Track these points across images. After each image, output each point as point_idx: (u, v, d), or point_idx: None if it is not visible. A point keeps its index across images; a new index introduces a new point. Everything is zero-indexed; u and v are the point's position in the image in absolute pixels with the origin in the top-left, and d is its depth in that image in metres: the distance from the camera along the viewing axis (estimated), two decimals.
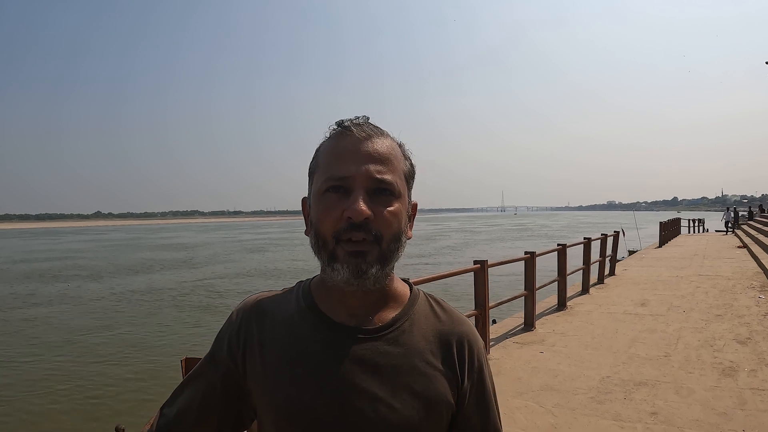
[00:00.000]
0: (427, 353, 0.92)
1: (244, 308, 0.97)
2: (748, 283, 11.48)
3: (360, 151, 0.88)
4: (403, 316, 0.94)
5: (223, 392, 0.94)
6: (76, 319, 14.88)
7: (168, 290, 19.88)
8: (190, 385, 0.97)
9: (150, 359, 10.54)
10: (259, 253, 39.01)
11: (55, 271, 28.84)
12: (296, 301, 0.96)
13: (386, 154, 0.89)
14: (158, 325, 13.80)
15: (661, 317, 8.32)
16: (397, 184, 0.88)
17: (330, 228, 0.86)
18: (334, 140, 0.91)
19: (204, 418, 0.94)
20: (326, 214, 0.86)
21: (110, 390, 8.71)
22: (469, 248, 38.76)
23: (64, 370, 9.85)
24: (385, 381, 0.88)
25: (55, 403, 8.16)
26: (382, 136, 0.92)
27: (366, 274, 0.85)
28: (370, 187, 0.86)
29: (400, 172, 0.91)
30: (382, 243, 0.86)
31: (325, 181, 0.88)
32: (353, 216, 0.83)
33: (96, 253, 44.31)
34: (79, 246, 57.18)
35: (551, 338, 7.30)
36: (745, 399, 4.79)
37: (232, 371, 0.93)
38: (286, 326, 0.93)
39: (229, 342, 0.95)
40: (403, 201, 0.90)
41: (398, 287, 0.98)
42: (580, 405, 4.82)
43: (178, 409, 0.96)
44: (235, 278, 23.00)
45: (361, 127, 0.90)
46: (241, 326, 0.95)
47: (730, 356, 6.10)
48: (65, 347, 11.65)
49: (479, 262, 6.50)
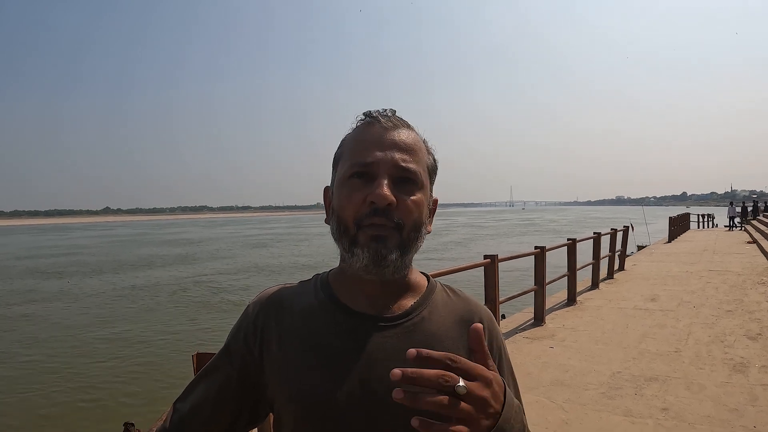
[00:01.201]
0: (447, 339, 0.92)
1: (261, 301, 0.98)
2: (758, 278, 11.41)
3: (386, 139, 0.89)
4: (422, 304, 0.95)
5: (240, 385, 0.94)
6: (74, 316, 14.87)
7: (166, 286, 19.85)
8: (205, 379, 0.96)
9: (149, 355, 10.54)
10: (262, 249, 38.92)
11: (58, 267, 28.91)
12: (314, 293, 0.96)
13: (412, 145, 0.91)
14: (156, 321, 13.74)
15: (672, 312, 8.30)
16: (420, 175, 0.89)
17: (352, 213, 0.87)
18: (361, 129, 0.93)
19: (219, 411, 0.94)
20: (349, 200, 0.87)
21: (111, 386, 8.72)
22: (474, 243, 38.64)
23: (63, 367, 9.84)
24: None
25: (55, 402, 8.15)
26: (408, 128, 0.93)
27: (386, 259, 0.86)
28: (394, 175, 0.87)
29: (424, 164, 0.92)
30: (403, 231, 0.86)
31: (350, 167, 0.89)
32: (377, 200, 0.84)
33: (100, 249, 44.48)
34: (84, 242, 57.42)
35: (561, 333, 7.30)
36: (756, 395, 4.78)
37: (249, 364, 0.93)
38: (304, 318, 0.93)
39: (246, 334, 0.95)
40: (425, 192, 0.91)
41: (416, 278, 0.99)
42: (590, 400, 4.83)
43: (192, 403, 0.95)
44: (235, 274, 22.95)
45: (389, 118, 0.92)
46: (258, 318, 0.95)
47: (741, 352, 6.08)
48: (62, 344, 11.63)
49: (489, 256, 6.49)
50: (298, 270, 23.80)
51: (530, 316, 8.19)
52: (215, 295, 17.44)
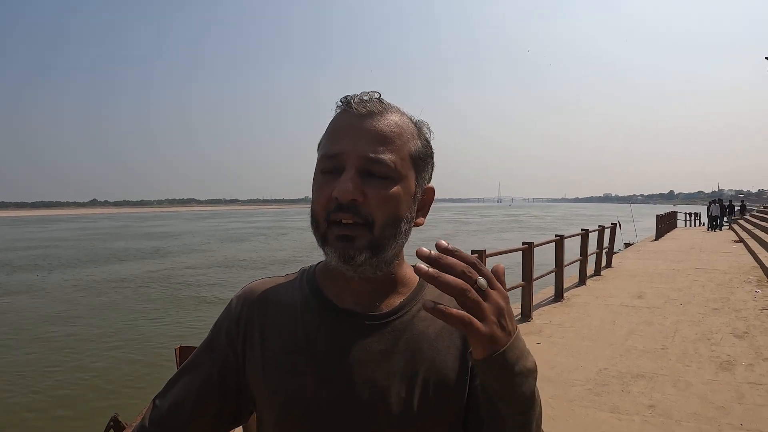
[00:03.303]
0: (437, 338, 0.87)
1: (245, 295, 0.92)
2: (744, 277, 11.48)
3: (356, 127, 0.81)
4: (411, 301, 0.89)
5: (221, 383, 0.89)
6: (32, 310, 14.33)
7: (131, 281, 19.26)
8: (186, 375, 0.91)
9: (111, 350, 10.05)
10: (238, 243, 38.12)
11: (30, 260, 27.91)
12: (300, 288, 0.91)
13: (386, 132, 0.82)
14: (117, 317, 13.20)
15: (658, 310, 8.32)
16: (396, 165, 0.81)
17: (321, 208, 0.81)
18: (335, 117, 0.86)
19: (200, 409, 0.89)
20: (319, 194, 0.82)
21: (78, 381, 8.36)
22: (454, 239, 37.55)
23: (25, 364, 9.38)
24: (394, 369, 0.83)
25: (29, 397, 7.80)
26: (387, 112, 0.84)
27: (353, 260, 0.79)
28: (362, 167, 0.80)
29: (404, 152, 0.83)
30: (374, 228, 0.80)
31: (321, 159, 0.84)
32: (339, 196, 0.78)
33: (77, 242, 43.33)
34: (64, 234, 56.10)
35: (548, 329, 7.28)
36: (742, 393, 4.78)
37: (231, 361, 0.89)
38: (289, 314, 0.88)
39: (228, 330, 0.90)
40: (405, 184, 0.83)
41: (407, 273, 0.92)
42: (577, 397, 4.81)
43: (172, 400, 0.90)
44: (203, 269, 22.28)
45: (364, 104, 0.83)
46: (241, 314, 0.90)
47: (728, 350, 6.09)
48: (21, 337, 11.22)
49: (477, 251, 6.47)
50: (269, 265, 23.28)
51: (517, 312, 8.16)
52: (179, 291, 16.88)
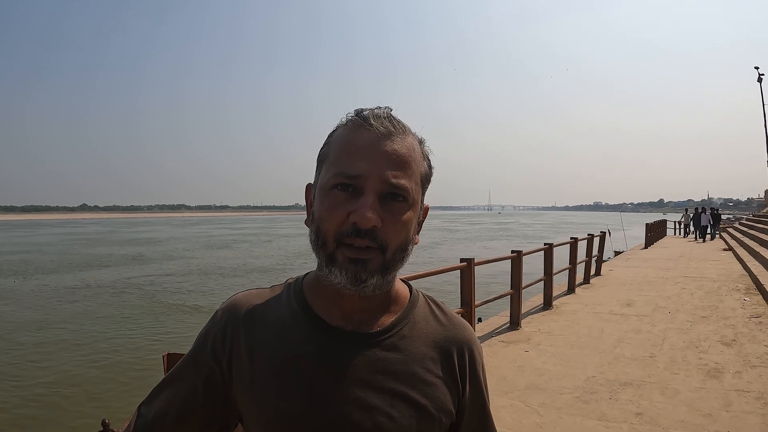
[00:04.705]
0: (427, 360, 0.85)
1: (231, 308, 0.90)
2: (733, 285, 11.54)
3: (377, 149, 0.79)
4: (402, 320, 0.88)
5: (205, 395, 0.87)
6: (8, 315, 14.15)
7: (107, 288, 19.02)
8: (171, 386, 0.90)
9: (85, 357, 9.91)
10: (220, 250, 37.66)
11: (7, 266, 27.39)
12: (288, 302, 0.89)
13: (405, 157, 0.81)
14: (90, 324, 13.01)
15: (647, 318, 8.33)
16: (412, 191, 0.81)
17: (333, 228, 0.79)
18: (350, 131, 0.82)
19: (184, 420, 0.87)
20: (331, 213, 0.79)
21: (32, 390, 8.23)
22: (438, 248, 37.24)
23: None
24: (383, 389, 0.81)
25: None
26: (404, 133, 0.82)
27: (365, 283, 0.78)
28: (382, 192, 0.78)
29: (417, 176, 0.83)
30: (386, 252, 0.79)
31: (335, 176, 0.79)
32: (360, 222, 0.76)
33: (58, 247, 42.87)
34: (48, 239, 55.45)
35: (537, 337, 7.27)
36: (730, 400, 4.77)
37: (216, 374, 0.86)
38: (276, 330, 0.86)
39: (214, 343, 0.87)
40: (415, 209, 0.83)
41: (398, 288, 0.90)
42: (565, 404, 4.79)
43: (157, 409, 0.89)
44: (180, 277, 22.02)
45: (382, 121, 0.81)
46: (227, 328, 0.87)
47: (716, 358, 6.10)
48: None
49: (466, 260, 6.46)
50: (247, 273, 23.10)
51: (506, 320, 8.15)
52: (154, 298, 16.65)
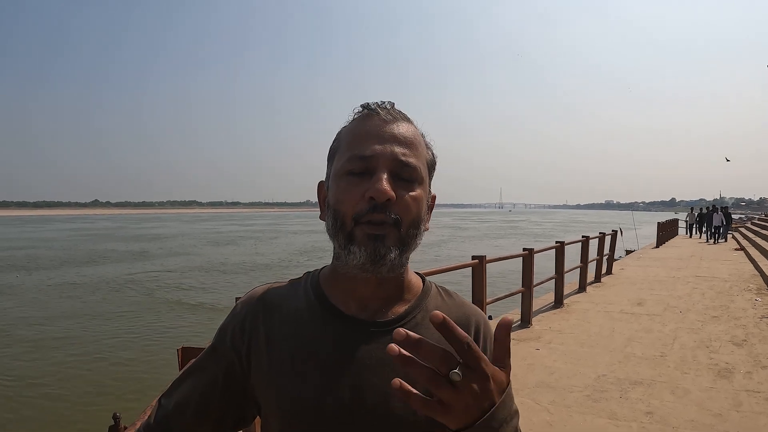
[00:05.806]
0: (441, 345, 0.89)
1: (250, 301, 0.94)
2: (744, 285, 11.48)
3: (385, 131, 0.85)
4: (415, 308, 0.91)
5: (225, 386, 0.90)
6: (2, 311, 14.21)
7: (106, 284, 19.05)
8: (191, 377, 0.93)
9: (64, 356, 9.89)
10: (226, 247, 37.55)
11: (10, 261, 27.46)
12: (305, 294, 0.93)
13: (411, 138, 0.87)
14: (87, 320, 13.01)
15: (658, 317, 8.32)
16: (420, 170, 0.86)
17: (350, 208, 0.83)
18: (358, 121, 0.89)
19: (204, 411, 0.90)
20: (347, 194, 0.83)
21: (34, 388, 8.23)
22: (447, 245, 37.02)
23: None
24: (398, 375, 0.85)
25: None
26: (408, 121, 0.90)
27: (384, 258, 0.82)
28: (393, 169, 0.83)
29: (423, 159, 0.89)
30: (401, 227, 0.83)
31: (348, 160, 0.85)
32: (376, 196, 0.80)
33: (65, 242, 42.94)
34: (55, 235, 55.55)
35: (547, 335, 7.30)
36: (740, 401, 4.78)
37: (235, 365, 0.90)
38: (294, 321, 0.89)
39: (233, 335, 0.91)
40: (424, 188, 0.88)
41: (411, 278, 0.95)
42: (575, 403, 4.82)
43: (177, 400, 0.92)
44: (181, 273, 22.07)
45: (387, 110, 0.88)
46: (246, 319, 0.91)
47: (726, 358, 6.10)
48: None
49: (478, 257, 6.48)
50: (249, 271, 23.10)
51: (517, 317, 8.18)
52: (149, 295, 16.68)
